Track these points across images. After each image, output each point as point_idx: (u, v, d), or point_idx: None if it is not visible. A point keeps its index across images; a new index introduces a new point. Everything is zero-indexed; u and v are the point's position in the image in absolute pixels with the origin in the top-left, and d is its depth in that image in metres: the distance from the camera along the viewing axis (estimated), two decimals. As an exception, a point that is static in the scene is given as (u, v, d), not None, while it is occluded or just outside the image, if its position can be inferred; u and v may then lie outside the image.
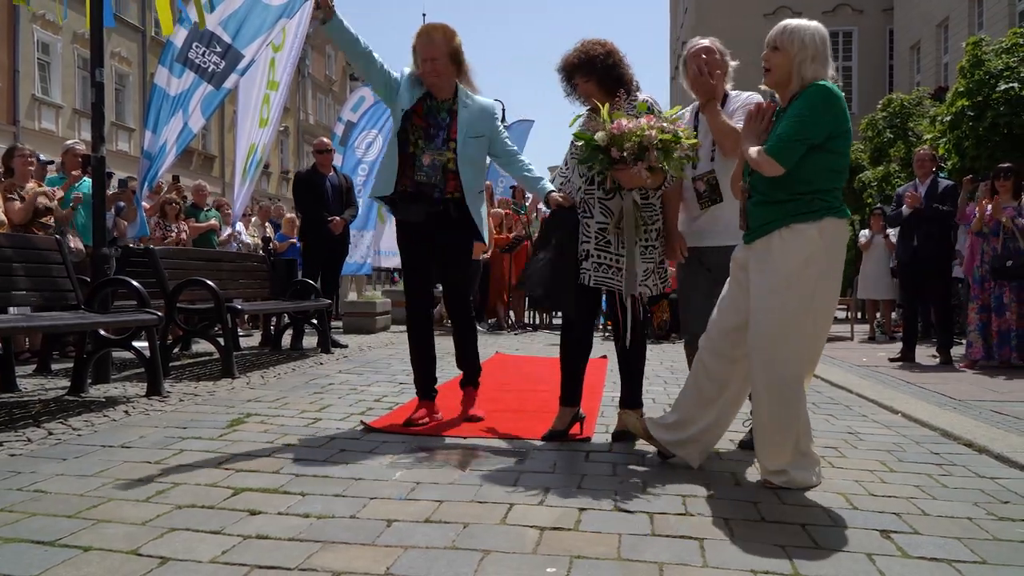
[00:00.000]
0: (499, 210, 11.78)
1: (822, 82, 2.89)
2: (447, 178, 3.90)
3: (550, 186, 3.91)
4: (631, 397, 3.75)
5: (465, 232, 4.04)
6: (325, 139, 8.31)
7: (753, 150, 2.93)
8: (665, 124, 3.33)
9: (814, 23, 2.97)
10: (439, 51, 3.81)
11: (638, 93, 3.67)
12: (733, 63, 3.60)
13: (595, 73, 3.58)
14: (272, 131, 8.51)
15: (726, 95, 3.57)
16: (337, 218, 7.58)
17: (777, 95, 3.08)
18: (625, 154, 3.27)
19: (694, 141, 3.43)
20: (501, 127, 4.07)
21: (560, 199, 3.69)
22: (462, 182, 3.89)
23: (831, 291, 2.96)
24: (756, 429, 3.02)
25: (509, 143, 4.10)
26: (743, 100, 3.50)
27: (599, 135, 3.33)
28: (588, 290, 3.63)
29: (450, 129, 3.89)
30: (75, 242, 6.63)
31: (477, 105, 3.97)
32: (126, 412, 4.14)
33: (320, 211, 7.55)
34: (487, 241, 4.32)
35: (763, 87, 3.13)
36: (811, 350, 2.98)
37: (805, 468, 2.95)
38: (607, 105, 3.43)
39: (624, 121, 3.31)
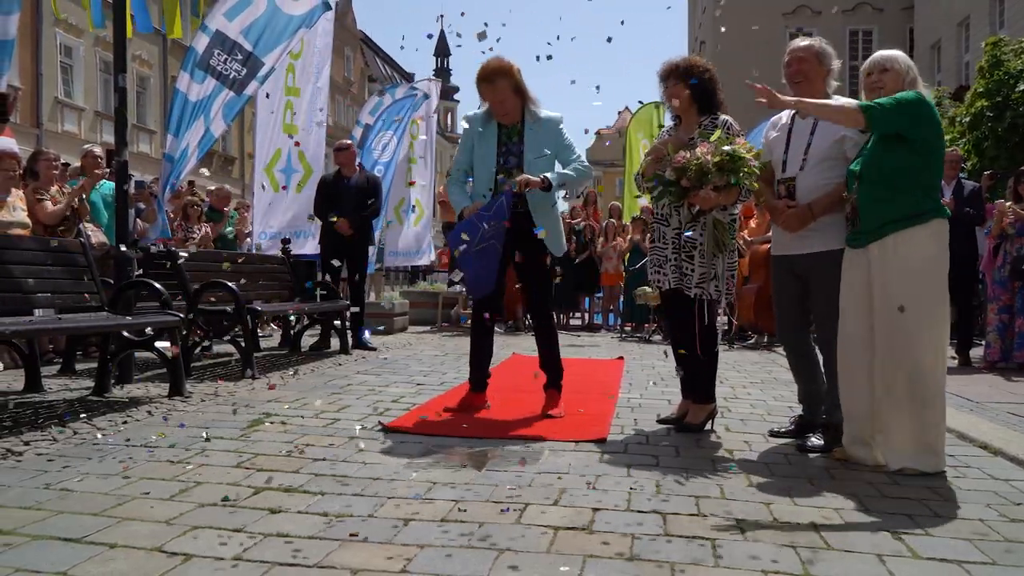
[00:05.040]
0: None
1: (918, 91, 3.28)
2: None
3: (552, 177, 4.16)
4: (698, 392, 4.03)
5: (540, 249, 4.34)
6: (344, 140, 8.32)
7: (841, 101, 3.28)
8: (725, 147, 3.60)
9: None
10: (505, 93, 4.15)
11: (720, 114, 3.94)
12: (835, 64, 3.71)
13: (685, 80, 3.90)
14: (309, 138, 8.56)
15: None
16: (342, 219, 7.42)
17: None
18: (690, 181, 3.62)
19: (756, 151, 3.68)
20: (567, 139, 4.32)
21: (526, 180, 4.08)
22: (527, 198, 4.19)
23: (944, 289, 3.24)
24: (892, 422, 3.18)
25: (572, 150, 4.33)
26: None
27: (667, 172, 3.69)
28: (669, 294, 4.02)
29: (521, 154, 4.26)
30: (96, 236, 6.70)
31: (542, 122, 4.27)
32: (149, 412, 4.22)
33: (329, 214, 7.46)
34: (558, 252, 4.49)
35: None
36: (942, 341, 3.23)
37: (932, 454, 3.17)
38: (670, 144, 3.77)
39: (683, 154, 3.66)
